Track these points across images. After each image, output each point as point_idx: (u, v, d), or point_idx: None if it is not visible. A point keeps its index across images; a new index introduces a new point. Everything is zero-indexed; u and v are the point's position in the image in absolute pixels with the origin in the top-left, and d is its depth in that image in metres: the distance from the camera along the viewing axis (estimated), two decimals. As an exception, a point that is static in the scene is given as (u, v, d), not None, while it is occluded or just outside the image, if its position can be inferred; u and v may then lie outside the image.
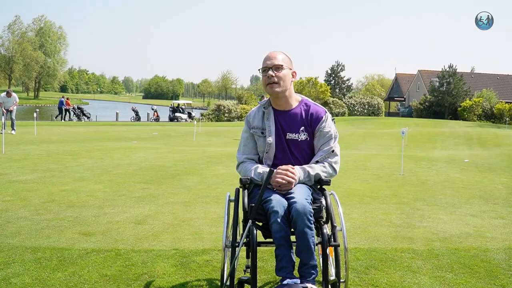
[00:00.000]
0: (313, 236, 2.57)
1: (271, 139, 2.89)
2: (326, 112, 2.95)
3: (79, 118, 32.49)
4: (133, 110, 35.86)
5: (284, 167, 2.77)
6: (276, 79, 2.82)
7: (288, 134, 2.90)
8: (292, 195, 2.65)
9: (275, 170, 2.74)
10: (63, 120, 31.03)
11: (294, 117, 2.91)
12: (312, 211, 2.58)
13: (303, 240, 2.54)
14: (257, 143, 2.95)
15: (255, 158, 2.97)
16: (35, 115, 18.74)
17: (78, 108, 33.71)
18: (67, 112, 32.23)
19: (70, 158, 9.84)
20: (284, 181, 2.71)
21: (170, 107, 40.94)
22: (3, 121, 15.96)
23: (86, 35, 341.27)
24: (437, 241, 4.21)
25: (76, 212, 5.03)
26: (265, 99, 3.05)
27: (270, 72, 2.83)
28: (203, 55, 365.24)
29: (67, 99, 33.66)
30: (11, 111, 16.71)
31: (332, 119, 3.00)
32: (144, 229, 4.43)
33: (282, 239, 2.57)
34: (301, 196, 2.63)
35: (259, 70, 2.92)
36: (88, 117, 33.43)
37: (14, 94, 16.92)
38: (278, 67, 2.83)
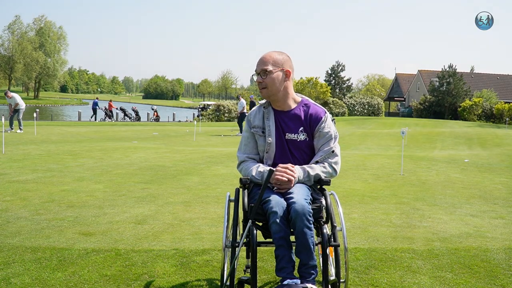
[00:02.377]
0: (312, 236, 2.57)
1: (271, 139, 2.90)
2: (325, 112, 2.95)
3: (110, 118, 32.63)
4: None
5: (283, 165, 2.77)
6: (264, 84, 2.86)
7: (287, 134, 2.90)
8: (291, 195, 2.65)
9: (275, 170, 2.75)
10: (96, 120, 31.39)
11: (293, 118, 2.92)
12: (311, 211, 2.58)
13: (302, 240, 2.54)
14: (258, 143, 2.96)
15: (256, 157, 2.98)
16: (35, 115, 18.76)
17: (121, 109, 33.92)
18: (110, 113, 32.74)
19: (70, 158, 9.83)
20: (284, 179, 2.71)
21: (199, 107, 48.76)
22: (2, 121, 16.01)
23: (86, 35, 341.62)
24: (437, 241, 4.21)
25: (76, 212, 5.03)
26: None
27: (258, 78, 2.88)
28: (203, 55, 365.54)
29: (110, 101, 34.30)
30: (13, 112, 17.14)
31: (332, 120, 3.00)
32: (144, 229, 4.43)
33: (282, 240, 2.57)
34: (300, 196, 2.63)
35: (252, 75, 2.96)
36: (130, 118, 33.49)
37: (12, 95, 17.02)
38: (265, 72, 2.84)
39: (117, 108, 33.78)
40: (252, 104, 23.87)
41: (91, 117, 32.44)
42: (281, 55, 2.90)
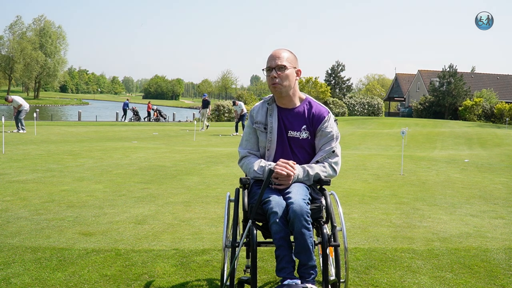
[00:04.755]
0: (311, 237, 2.56)
1: (272, 136, 2.90)
2: (329, 112, 2.96)
3: (138, 117, 33.94)
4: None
5: (285, 160, 2.78)
6: (279, 80, 2.83)
7: (289, 132, 2.91)
8: (289, 195, 2.65)
9: (276, 163, 2.76)
10: (125, 121, 32.64)
11: (296, 116, 2.92)
12: (309, 211, 2.58)
13: (301, 241, 2.54)
14: (259, 138, 2.96)
15: (257, 154, 2.98)
16: (35, 115, 18.76)
17: (157, 110, 35.40)
18: (148, 114, 34.44)
19: (70, 158, 9.83)
20: (283, 173, 2.71)
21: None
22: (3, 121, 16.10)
23: (86, 35, 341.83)
24: (437, 241, 4.21)
25: (76, 212, 5.03)
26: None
27: (273, 73, 2.83)
28: (203, 55, 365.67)
29: (149, 102, 36.37)
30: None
31: (335, 120, 3.00)
32: (144, 229, 4.43)
33: (282, 240, 2.57)
34: (299, 196, 2.62)
35: (263, 70, 2.91)
36: (165, 118, 35.29)
37: (12, 99, 17.22)
38: (282, 67, 2.83)
39: (154, 110, 35.48)
40: (205, 103, 22.60)
41: (122, 118, 33.72)
42: (291, 54, 2.91)
